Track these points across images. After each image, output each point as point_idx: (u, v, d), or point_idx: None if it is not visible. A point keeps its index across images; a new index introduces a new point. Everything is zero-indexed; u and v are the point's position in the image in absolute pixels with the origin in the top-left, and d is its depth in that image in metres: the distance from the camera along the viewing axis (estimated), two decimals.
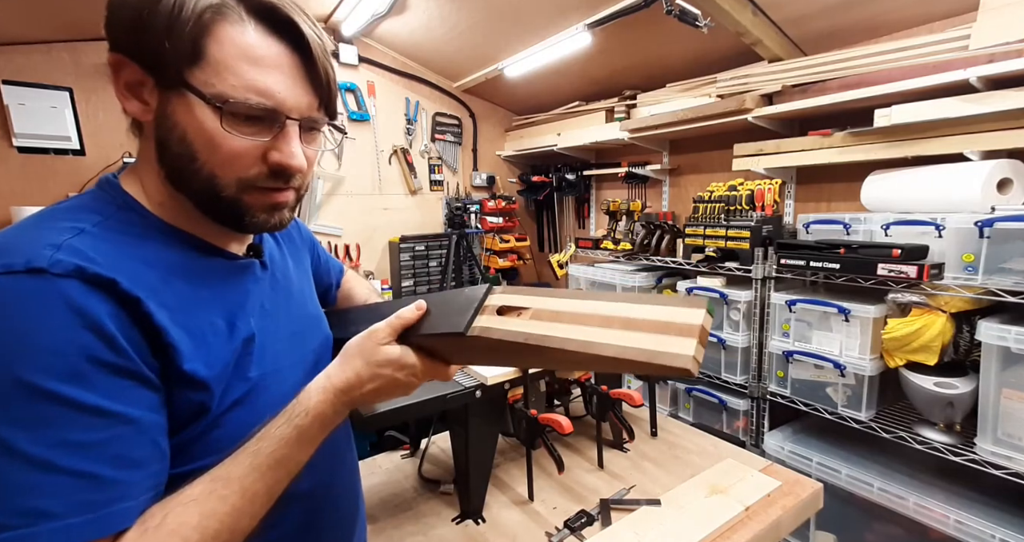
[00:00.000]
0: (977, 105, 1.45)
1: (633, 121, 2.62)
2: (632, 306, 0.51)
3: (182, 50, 0.47)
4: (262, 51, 0.50)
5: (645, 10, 1.99)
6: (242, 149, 0.51)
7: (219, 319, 0.55)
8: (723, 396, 2.09)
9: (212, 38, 0.48)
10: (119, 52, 0.49)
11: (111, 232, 0.50)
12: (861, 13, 1.81)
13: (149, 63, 0.49)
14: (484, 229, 3.60)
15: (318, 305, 0.78)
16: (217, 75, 0.48)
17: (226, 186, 0.52)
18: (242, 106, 0.49)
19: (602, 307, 0.51)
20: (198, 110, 0.49)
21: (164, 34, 0.47)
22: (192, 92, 0.48)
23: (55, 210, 0.51)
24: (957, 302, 1.45)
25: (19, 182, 2.25)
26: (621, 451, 1.25)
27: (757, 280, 1.89)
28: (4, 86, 2.18)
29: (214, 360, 0.52)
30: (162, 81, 0.49)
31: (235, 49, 0.48)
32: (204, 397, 0.51)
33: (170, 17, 0.46)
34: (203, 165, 0.51)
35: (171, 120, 0.50)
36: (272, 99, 0.50)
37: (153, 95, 0.50)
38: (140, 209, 0.54)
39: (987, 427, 1.36)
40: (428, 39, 2.86)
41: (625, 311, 0.50)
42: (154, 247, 0.52)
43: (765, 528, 0.94)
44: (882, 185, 1.73)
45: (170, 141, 0.51)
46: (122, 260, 0.48)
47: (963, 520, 1.40)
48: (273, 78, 0.50)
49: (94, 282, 0.45)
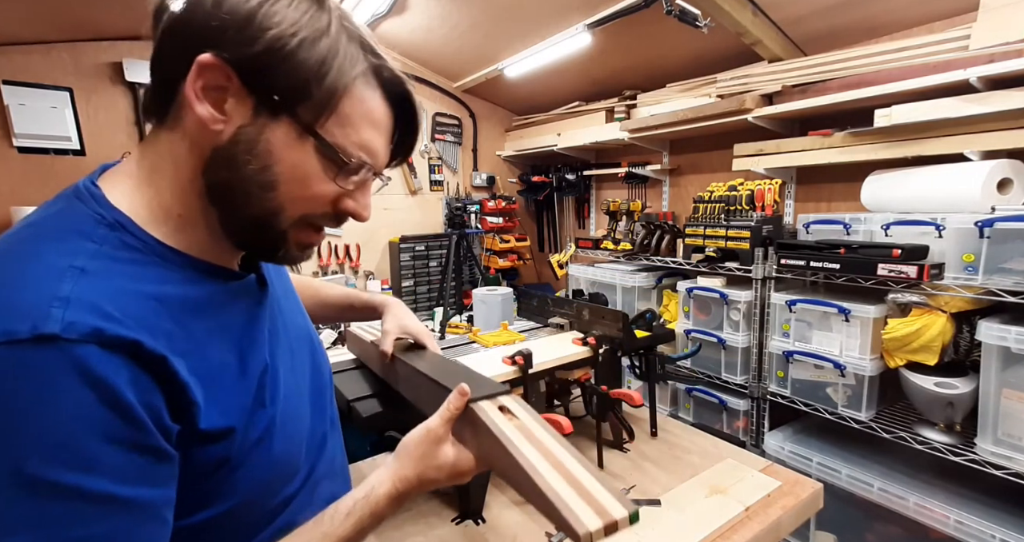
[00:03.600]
0: (977, 105, 1.45)
1: (633, 121, 2.62)
2: (586, 472, 0.54)
3: (319, 95, 0.47)
4: (380, 115, 0.52)
5: (645, 10, 1.99)
6: (325, 193, 0.51)
7: (230, 354, 0.51)
8: (723, 396, 2.09)
9: (348, 94, 0.49)
10: (218, 55, 0.44)
11: (112, 265, 0.44)
12: (861, 13, 1.81)
13: (261, 85, 0.46)
14: (484, 229, 3.60)
15: (303, 311, 0.73)
16: (340, 127, 0.49)
17: (286, 220, 0.51)
18: (356, 161, 0.50)
19: (566, 457, 0.56)
20: (303, 148, 0.48)
21: (309, 73, 0.46)
22: (313, 135, 0.48)
23: (36, 232, 0.44)
24: (957, 302, 1.45)
25: (19, 182, 2.25)
26: (621, 451, 1.24)
27: (757, 280, 1.89)
28: (4, 86, 2.18)
29: (231, 405, 0.49)
30: (267, 105, 0.46)
31: (363, 109, 0.50)
32: (224, 447, 0.48)
33: (322, 61, 0.46)
34: (277, 196, 0.49)
35: (261, 145, 0.47)
36: (373, 159, 0.52)
37: (241, 111, 0.46)
38: (132, 227, 0.46)
39: (987, 427, 1.36)
40: (428, 39, 2.86)
41: (576, 468, 0.55)
42: (157, 277, 0.46)
43: (765, 528, 0.94)
44: (882, 185, 1.73)
45: (247, 164, 0.47)
46: (138, 307, 0.43)
47: (963, 520, 1.40)
48: (380, 140, 0.53)
49: (115, 345, 0.39)
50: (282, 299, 0.66)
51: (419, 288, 3.36)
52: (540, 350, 1.17)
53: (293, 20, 0.45)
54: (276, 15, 0.45)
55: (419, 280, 3.35)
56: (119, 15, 2.18)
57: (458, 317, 2.97)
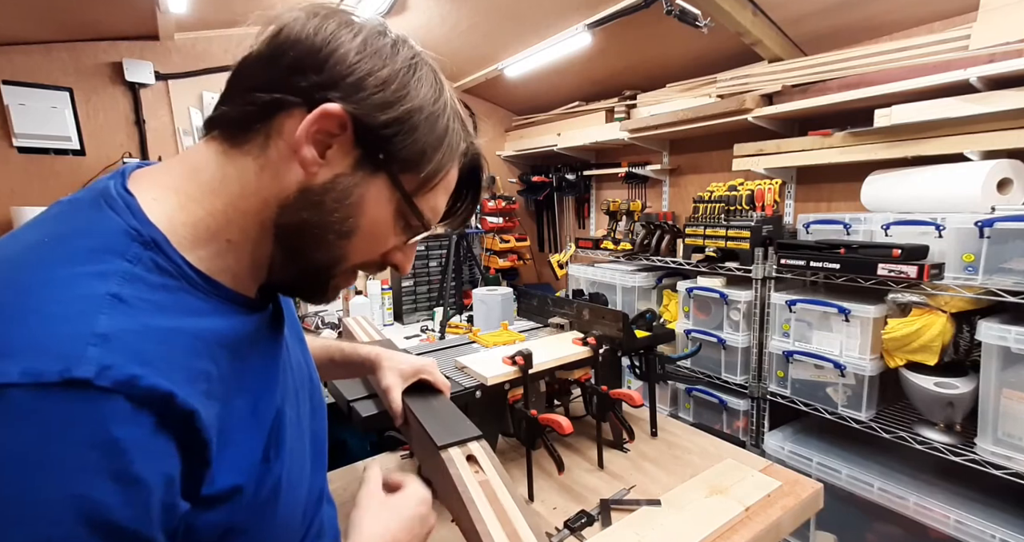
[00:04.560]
0: (977, 105, 1.45)
1: (633, 121, 2.62)
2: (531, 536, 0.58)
3: (425, 165, 0.49)
4: (453, 185, 0.56)
5: (645, 10, 1.99)
6: (390, 246, 0.53)
7: (240, 399, 0.44)
8: (723, 396, 2.09)
9: (443, 176, 0.52)
10: (348, 113, 0.44)
11: (147, 293, 0.38)
12: (861, 13, 1.81)
13: (374, 145, 0.46)
14: (484, 229, 3.60)
15: (304, 342, 0.68)
16: (425, 197, 0.51)
17: (345, 265, 0.51)
18: (427, 223, 0.53)
19: (521, 523, 0.59)
20: (389, 207, 0.49)
21: (426, 148, 0.48)
22: (406, 199, 0.50)
23: (64, 246, 0.38)
24: (957, 302, 1.45)
25: (19, 182, 2.25)
26: (621, 451, 1.24)
27: (757, 280, 1.89)
28: (4, 86, 2.18)
29: (241, 461, 0.43)
30: (371, 162, 0.47)
31: (448, 183, 0.54)
32: (229, 511, 0.42)
33: (438, 137, 0.49)
34: (349, 245, 0.49)
35: (354, 198, 0.47)
36: (436, 219, 0.56)
37: (341, 160, 0.46)
38: (168, 248, 0.41)
39: (987, 427, 1.36)
40: (428, 39, 2.86)
41: (523, 529, 0.59)
42: (189, 308, 0.41)
43: (765, 528, 0.94)
44: (882, 185, 1.73)
45: (332, 211, 0.46)
46: (180, 347, 0.38)
47: (963, 520, 1.40)
48: (446, 202, 0.56)
49: (145, 400, 0.34)
50: (288, 333, 0.61)
51: (419, 288, 3.36)
52: (540, 350, 1.17)
53: (424, 95, 0.47)
54: (410, 86, 0.46)
55: (419, 280, 3.35)
56: (119, 15, 2.19)
57: (458, 317, 2.97)
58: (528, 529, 0.58)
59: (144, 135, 2.50)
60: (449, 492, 0.65)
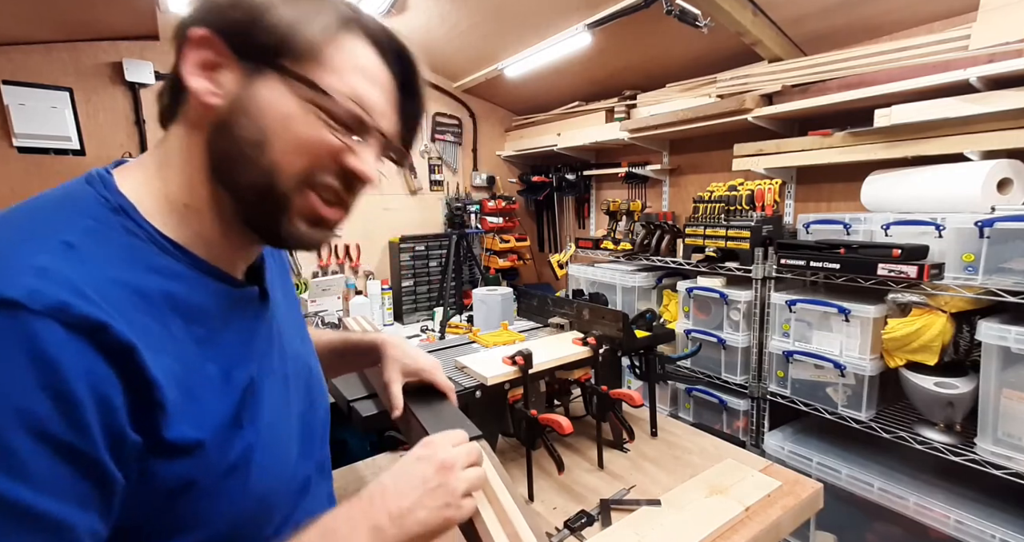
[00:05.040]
0: (977, 105, 1.45)
1: (633, 121, 2.62)
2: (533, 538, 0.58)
3: (301, 45, 0.47)
4: (373, 67, 0.51)
5: (645, 10, 1.99)
6: (321, 141, 0.48)
7: (213, 365, 0.47)
8: (723, 396, 2.09)
9: (335, 45, 0.48)
10: (209, 27, 0.46)
11: (104, 248, 0.42)
12: (861, 13, 1.81)
13: (247, 46, 0.46)
14: (484, 229, 3.60)
15: (308, 339, 0.69)
16: (325, 74, 0.47)
17: (286, 178, 0.48)
18: (342, 105, 0.48)
19: (519, 521, 0.59)
20: (292, 99, 0.47)
21: (290, 25, 0.46)
22: (297, 78, 0.47)
23: (38, 205, 0.44)
24: (957, 302, 1.45)
25: (19, 182, 2.25)
26: (621, 451, 1.24)
27: (757, 280, 1.89)
28: (4, 86, 2.18)
29: (206, 418, 0.45)
30: (255, 66, 0.47)
31: (353, 60, 0.49)
32: (192, 465, 0.43)
33: (303, 12, 0.47)
34: (272, 151, 0.47)
35: (251, 102, 0.46)
36: (370, 113, 0.50)
37: (232, 79, 0.47)
38: (135, 214, 0.45)
39: (987, 427, 1.36)
40: (428, 39, 2.86)
41: (526, 534, 0.58)
42: (149, 269, 0.44)
43: (765, 528, 0.94)
44: (882, 185, 1.73)
45: (241, 130, 0.47)
46: (117, 294, 0.40)
47: (963, 520, 1.40)
48: (375, 93, 0.51)
49: (79, 326, 0.36)
50: (284, 323, 0.62)
51: (419, 288, 3.36)
52: (540, 350, 1.17)
53: None
54: None
55: (419, 280, 3.35)
56: (119, 15, 2.18)
57: (458, 317, 2.97)
58: (528, 529, 0.58)
59: (144, 135, 2.50)
60: None
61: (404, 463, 0.55)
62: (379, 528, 0.49)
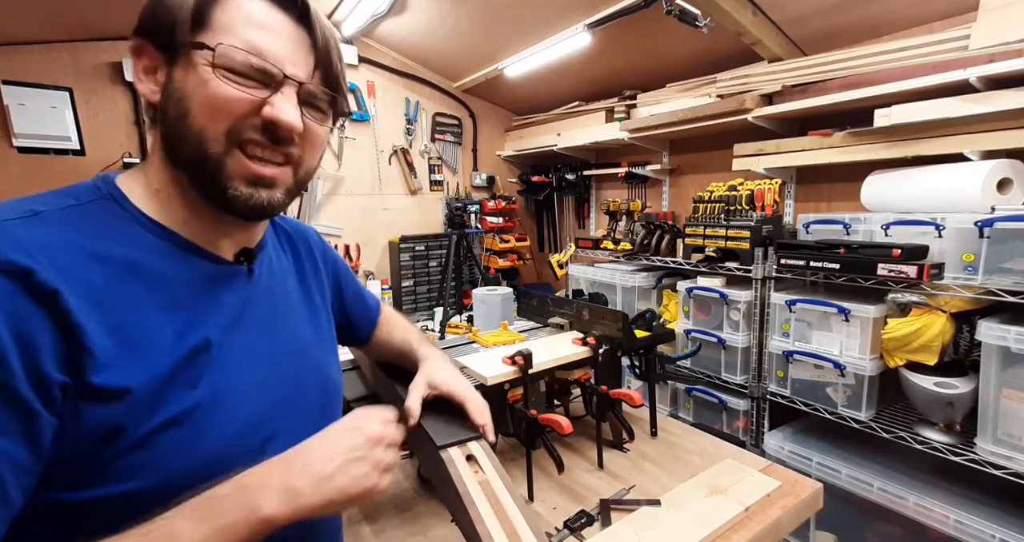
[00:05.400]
0: (977, 105, 1.45)
1: (633, 121, 2.62)
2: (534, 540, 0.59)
3: (190, 17, 0.50)
4: (264, 16, 0.52)
5: (645, 10, 1.99)
6: (234, 97, 0.50)
7: (168, 326, 0.50)
8: (723, 396, 2.09)
9: (219, 6, 0.50)
10: (140, 36, 0.52)
11: (74, 219, 0.48)
12: (861, 13, 1.81)
13: (162, 41, 0.51)
14: (484, 229, 3.60)
15: (322, 331, 0.71)
16: (216, 36, 0.50)
17: (214, 141, 0.50)
18: (236, 54, 0.50)
19: (520, 523, 0.60)
20: (198, 68, 0.50)
21: (176, 6, 0.50)
22: (191, 47, 0.50)
23: (42, 193, 0.50)
24: (957, 302, 1.45)
25: (19, 182, 2.25)
26: (621, 451, 1.24)
27: (757, 280, 1.89)
28: (4, 86, 2.18)
29: (143, 368, 0.47)
30: (170, 55, 0.51)
31: (239, 14, 0.51)
32: (117, 411, 0.45)
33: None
34: (194, 120, 0.50)
35: (174, 85, 0.51)
36: (271, 59, 0.51)
37: (163, 73, 0.52)
38: (122, 199, 0.52)
39: (987, 427, 1.36)
40: (428, 39, 2.86)
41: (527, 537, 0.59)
42: (120, 241, 0.50)
43: (765, 528, 0.94)
44: (882, 185, 1.73)
45: (168, 107, 0.51)
46: (60, 249, 0.44)
47: (963, 520, 1.40)
48: (272, 40, 0.52)
49: (6, 270, 0.40)
50: (290, 310, 0.65)
51: (419, 288, 3.36)
52: (540, 350, 1.17)
53: None
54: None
55: (419, 280, 3.35)
56: (119, 15, 2.18)
57: (458, 317, 2.97)
58: (528, 529, 0.58)
59: (144, 135, 2.49)
60: (449, 492, 0.65)
61: (333, 430, 0.55)
62: (294, 490, 0.49)
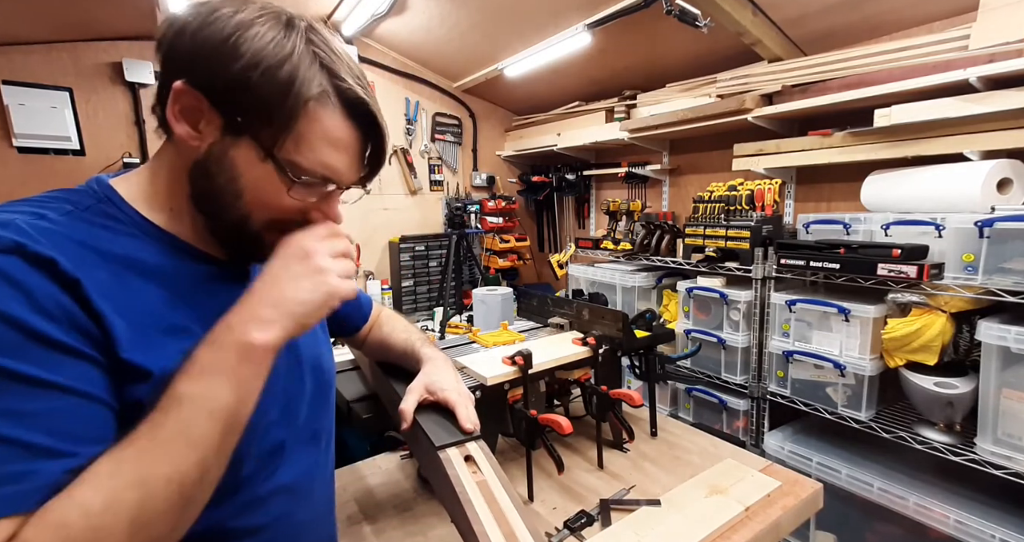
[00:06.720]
0: (977, 105, 1.45)
1: (633, 121, 2.62)
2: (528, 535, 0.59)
3: (276, 117, 0.51)
4: (340, 134, 0.54)
5: (645, 10, 1.99)
6: (288, 205, 0.55)
7: (174, 320, 0.53)
8: (723, 396, 2.09)
9: (306, 117, 0.52)
10: (191, 84, 0.50)
11: (76, 223, 0.50)
12: (861, 13, 1.81)
13: (226, 105, 0.51)
14: (484, 229, 3.60)
15: (327, 339, 0.77)
16: (296, 147, 0.52)
17: (256, 224, 0.55)
18: (308, 181, 0.54)
19: (518, 524, 0.60)
20: (264, 166, 0.52)
21: (269, 99, 0.50)
22: (268, 155, 0.52)
23: (36, 197, 0.51)
24: (957, 302, 1.45)
25: (19, 182, 2.25)
26: (621, 451, 1.24)
27: (757, 280, 1.89)
28: (4, 86, 2.18)
29: (158, 356, 0.49)
30: (233, 127, 0.51)
31: (320, 130, 0.53)
32: (143, 391, 0.48)
33: (280, 87, 0.50)
34: (244, 205, 0.54)
35: (228, 161, 0.52)
36: (335, 175, 0.55)
37: (211, 130, 0.52)
38: (120, 203, 0.53)
39: (987, 427, 1.36)
40: (428, 39, 2.86)
41: (520, 529, 0.59)
42: (119, 243, 0.51)
43: (765, 528, 0.94)
44: (882, 185, 1.73)
45: (218, 176, 0.53)
46: (71, 245, 0.47)
47: (963, 520, 1.40)
48: (341, 157, 0.55)
49: (34, 260, 0.44)
50: None
51: (419, 288, 3.36)
52: (540, 350, 1.17)
53: (258, 50, 0.49)
54: (244, 45, 0.49)
55: (419, 280, 3.35)
56: (119, 15, 2.19)
57: (458, 317, 2.97)
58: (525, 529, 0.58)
59: (144, 135, 2.50)
60: (447, 492, 0.65)
61: (268, 268, 0.56)
62: (261, 319, 0.51)
